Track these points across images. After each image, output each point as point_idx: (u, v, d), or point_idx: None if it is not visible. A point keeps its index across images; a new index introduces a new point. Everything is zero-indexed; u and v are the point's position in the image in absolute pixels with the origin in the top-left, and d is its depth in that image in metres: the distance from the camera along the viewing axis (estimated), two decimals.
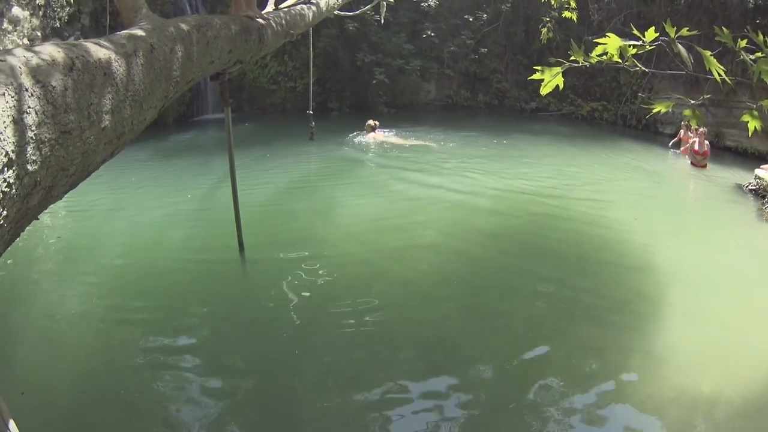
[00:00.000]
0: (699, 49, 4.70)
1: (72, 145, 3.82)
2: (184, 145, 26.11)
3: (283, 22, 11.22)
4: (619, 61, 4.82)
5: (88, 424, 7.74)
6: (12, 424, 3.31)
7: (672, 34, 4.65)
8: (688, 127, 24.86)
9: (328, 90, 34.91)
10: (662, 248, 13.30)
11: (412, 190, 17.98)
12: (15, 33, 22.63)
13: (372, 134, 26.77)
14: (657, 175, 21.60)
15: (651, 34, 4.70)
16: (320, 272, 11.97)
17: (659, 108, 5.11)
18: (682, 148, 25.03)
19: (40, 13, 24.27)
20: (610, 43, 4.77)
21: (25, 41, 22.90)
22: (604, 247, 13.47)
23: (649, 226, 15.00)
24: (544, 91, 5.07)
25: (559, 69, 4.98)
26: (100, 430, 7.65)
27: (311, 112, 24.13)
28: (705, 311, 10.65)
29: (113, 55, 4.58)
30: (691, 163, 22.73)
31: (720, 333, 9.88)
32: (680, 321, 10.34)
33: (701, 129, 21.84)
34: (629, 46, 4.76)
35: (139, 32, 5.42)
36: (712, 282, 11.84)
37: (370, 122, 27.23)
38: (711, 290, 11.48)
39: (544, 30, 17.68)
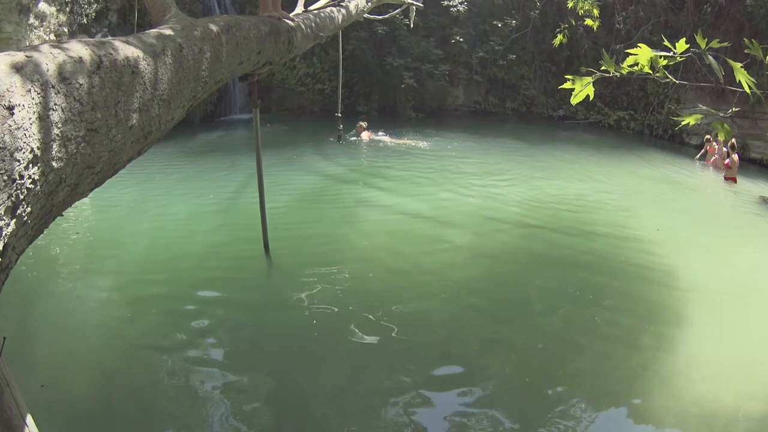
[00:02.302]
0: (730, 60, 4.66)
1: (98, 143, 3.83)
2: (211, 145, 26.19)
3: (313, 24, 11.24)
4: (650, 72, 4.78)
5: (106, 418, 7.77)
6: (29, 419, 3.31)
7: (703, 46, 4.62)
8: (710, 140, 24.79)
9: (356, 93, 34.94)
10: (684, 260, 13.19)
11: (437, 197, 17.93)
12: (41, 28, 22.60)
13: (363, 134, 27.42)
14: (681, 187, 21.47)
15: (682, 45, 4.67)
16: (344, 276, 11.95)
17: (689, 120, 5.08)
18: (707, 159, 24.94)
19: (67, 9, 24.25)
20: (642, 54, 4.73)
21: (52, 37, 22.84)
22: (626, 258, 13.36)
23: (672, 237, 14.88)
24: (575, 100, 5.04)
25: (590, 79, 4.95)
26: (117, 424, 7.67)
27: (339, 114, 24.26)
28: (726, 325, 10.56)
29: (141, 54, 4.59)
30: (724, 177, 22.48)
31: (741, 348, 9.77)
32: (701, 334, 10.24)
33: (731, 141, 21.64)
34: (660, 57, 4.73)
35: (168, 31, 5.43)
36: (733, 295, 11.73)
37: (361, 123, 28.05)
38: (732, 303, 11.37)
39: (560, 36, 17.62)
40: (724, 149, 23.31)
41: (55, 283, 11.79)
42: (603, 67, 4.94)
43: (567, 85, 5.08)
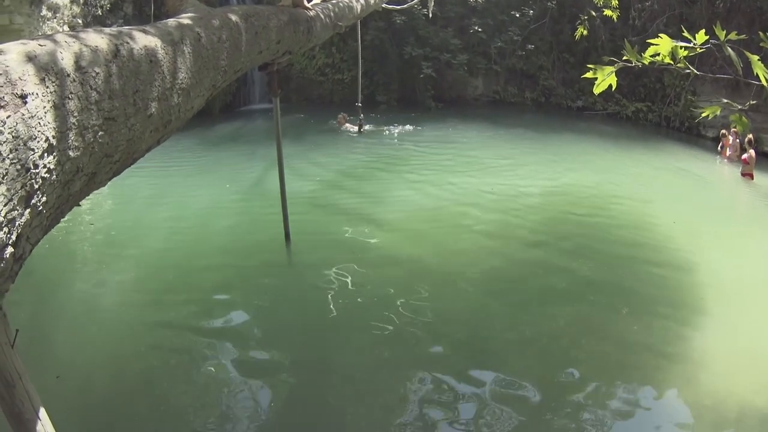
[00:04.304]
0: (747, 53, 4.62)
1: (117, 132, 3.81)
2: (230, 135, 26.19)
3: (332, 14, 11.22)
4: (671, 62, 4.74)
5: (122, 408, 7.78)
6: (42, 412, 3.28)
7: (722, 38, 4.57)
8: (726, 134, 24.61)
9: (375, 83, 34.75)
10: (700, 253, 13.05)
11: (456, 188, 17.85)
12: (54, 20, 22.40)
13: (345, 125, 27.15)
14: (697, 179, 21.22)
15: (701, 36, 4.62)
16: (365, 266, 11.93)
17: (707, 113, 5.03)
18: (723, 153, 24.72)
19: (81, 0, 24.26)
20: (662, 45, 4.69)
21: (66, 29, 22.54)
22: (642, 250, 13.27)
23: (688, 230, 14.74)
24: (598, 90, 5.00)
25: (612, 68, 4.90)
26: (133, 415, 7.68)
27: (359, 104, 24.19)
28: (741, 317, 10.46)
29: (160, 43, 4.56)
30: (741, 173, 22.16)
31: (755, 340, 9.69)
32: (717, 326, 10.16)
33: (748, 136, 21.38)
34: (681, 48, 4.69)
35: (187, 21, 5.40)
36: (748, 288, 11.61)
37: (343, 114, 27.57)
38: (747, 297, 11.26)
39: (580, 28, 17.54)
40: (737, 141, 23.13)
41: (71, 274, 11.81)
42: (625, 57, 4.90)
43: (589, 75, 5.04)
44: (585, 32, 17.24)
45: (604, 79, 4.93)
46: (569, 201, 16.87)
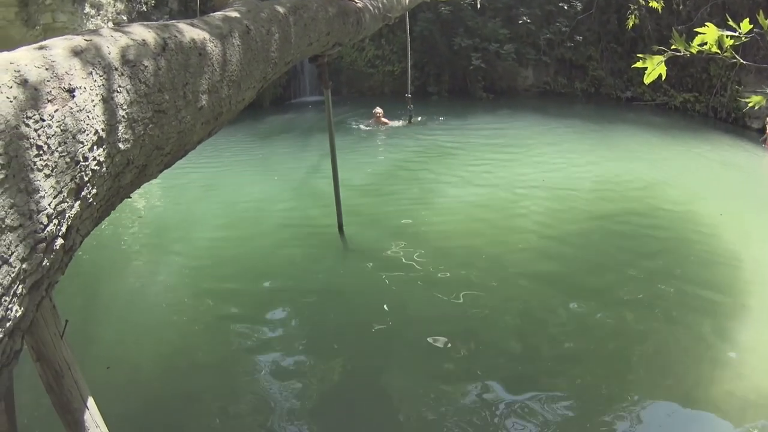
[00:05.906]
0: None
1: (167, 125, 3.85)
2: (282, 127, 26.30)
3: (380, 5, 11.23)
4: (718, 51, 4.72)
5: (171, 399, 7.84)
6: (90, 401, 3.32)
7: (765, 27, 4.54)
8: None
9: (426, 74, 34.70)
10: (747, 247, 12.79)
11: (507, 179, 17.73)
12: (98, 17, 22.39)
13: (382, 120, 26.51)
14: (744, 171, 20.88)
15: (746, 25, 4.59)
16: (419, 261, 11.88)
17: (753, 103, 5.00)
18: (766, 142, 24.35)
19: None
20: (709, 34, 4.68)
21: (110, 26, 22.37)
22: (688, 242, 13.14)
23: (735, 223, 14.50)
24: (648, 79, 4.99)
25: (661, 58, 4.89)
26: (182, 405, 7.73)
27: (409, 95, 24.11)
28: None
29: (208, 36, 4.60)
30: None
31: None
32: (762, 322, 10.08)
33: None
34: (727, 36, 4.67)
35: (234, 14, 5.45)
36: None
37: (378, 111, 26.58)
38: None
39: (632, 17, 17.50)
40: None
41: (120, 267, 11.95)
42: (673, 47, 4.88)
43: (638, 65, 5.03)
44: (637, 21, 17.20)
45: (654, 68, 4.92)
46: (620, 194, 16.69)
